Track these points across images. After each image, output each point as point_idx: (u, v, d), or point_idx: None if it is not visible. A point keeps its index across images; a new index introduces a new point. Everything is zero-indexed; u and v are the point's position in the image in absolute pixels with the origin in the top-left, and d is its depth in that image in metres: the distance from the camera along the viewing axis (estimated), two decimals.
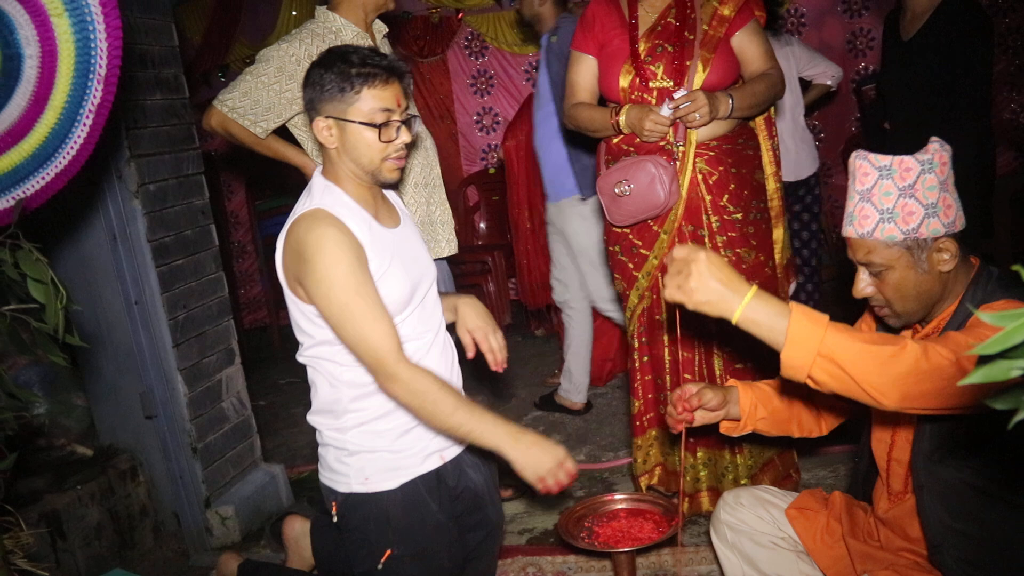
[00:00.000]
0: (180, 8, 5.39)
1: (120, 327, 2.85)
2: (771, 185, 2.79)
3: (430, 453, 2.10)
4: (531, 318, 5.04)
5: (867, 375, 1.50)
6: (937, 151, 1.64)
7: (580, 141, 3.26)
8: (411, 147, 2.62)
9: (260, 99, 2.62)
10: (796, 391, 2.00)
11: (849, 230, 1.71)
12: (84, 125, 1.71)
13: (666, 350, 2.77)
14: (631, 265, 2.77)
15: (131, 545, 2.90)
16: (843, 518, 1.98)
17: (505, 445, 1.85)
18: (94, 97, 1.69)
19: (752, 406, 2.02)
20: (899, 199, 1.64)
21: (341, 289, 1.84)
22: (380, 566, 2.04)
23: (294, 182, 4.15)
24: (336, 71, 1.90)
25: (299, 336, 2.02)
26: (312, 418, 2.09)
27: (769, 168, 2.78)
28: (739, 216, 2.63)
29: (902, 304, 1.71)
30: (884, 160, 1.66)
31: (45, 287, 1.53)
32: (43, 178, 1.69)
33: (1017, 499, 1.60)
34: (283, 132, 2.76)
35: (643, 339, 2.81)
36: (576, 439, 3.68)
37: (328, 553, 2.31)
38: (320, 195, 1.95)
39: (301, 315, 1.97)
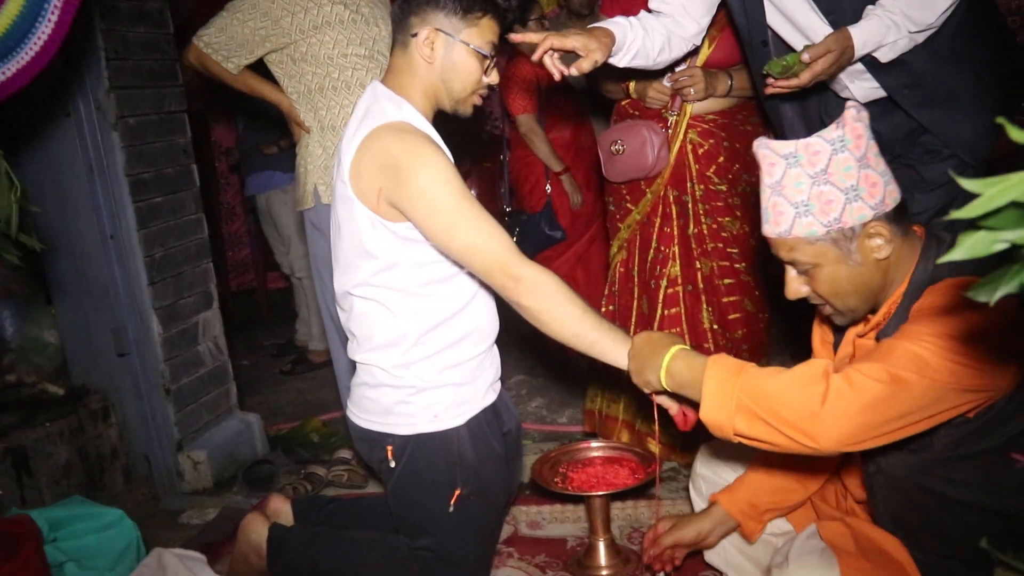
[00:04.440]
0: None
1: (95, 262, 2.79)
2: None
3: (489, 385, 2.05)
4: None
5: (792, 420, 1.38)
6: (849, 122, 1.45)
7: None
8: (336, 90, 2.58)
9: (234, 35, 2.59)
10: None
11: (766, 229, 1.53)
12: (50, 20, 1.66)
13: (636, 302, 2.82)
14: (618, 216, 2.88)
15: (100, 486, 2.84)
16: None
17: (626, 362, 1.73)
18: None
19: (748, 507, 1.90)
20: (813, 187, 1.45)
21: (449, 193, 1.75)
22: (451, 508, 1.98)
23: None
24: None
25: (359, 263, 1.90)
26: (365, 356, 1.98)
27: None
28: (723, 188, 2.69)
29: (841, 301, 1.54)
30: (788, 147, 1.47)
31: None
32: (3, 72, 1.63)
33: (956, 493, 1.52)
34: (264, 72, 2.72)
35: (614, 288, 2.90)
36: (558, 403, 3.63)
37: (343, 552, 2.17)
38: (396, 109, 1.85)
39: (375, 237, 1.85)
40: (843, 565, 1.56)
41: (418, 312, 1.92)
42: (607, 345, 1.75)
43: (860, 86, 2.18)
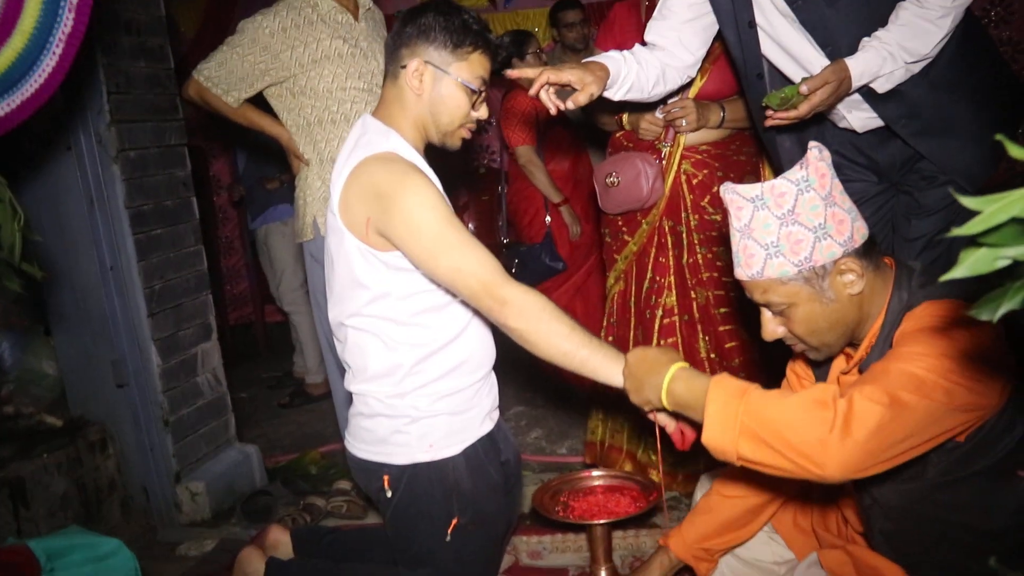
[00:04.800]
0: (174, 1, 5.38)
1: (95, 294, 2.80)
2: None
3: (487, 413, 2.04)
4: None
5: (798, 446, 1.35)
6: (813, 162, 1.48)
7: None
8: (335, 124, 2.61)
9: (234, 69, 2.63)
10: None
11: (739, 272, 1.55)
12: (54, 54, 1.68)
13: (632, 332, 2.84)
14: (614, 248, 2.90)
15: (98, 518, 2.83)
16: (814, 505, 1.93)
17: (621, 379, 1.70)
18: (65, 25, 1.66)
19: (700, 551, 1.92)
20: (781, 228, 1.46)
21: (433, 218, 1.75)
22: (448, 537, 1.97)
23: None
24: (455, 22, 1.86)
25: (351, 293, 1.91)
26: (360, 387, 1.98)
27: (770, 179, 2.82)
28: (717, 217, 2.71)
29: (817, 338, 1.54)
30: (754, 190, 1.49)
31: (2, 206, 1.49)
32: (8, 104, 1.65)
33: (953, 517, 1.52)
34: (263, 105, 2.75)
35: (612, 319, 2.91)
36: (558, 434, 3.63)
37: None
38: (384, 139, 1.87)
39: (366, 267, 1.86)
40: None
41: (411, 342, 1.92)
42: (598, 362, 1.72)
43: (858, 116, 2.20)
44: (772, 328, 1.57)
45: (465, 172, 5.35)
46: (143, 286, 2.80)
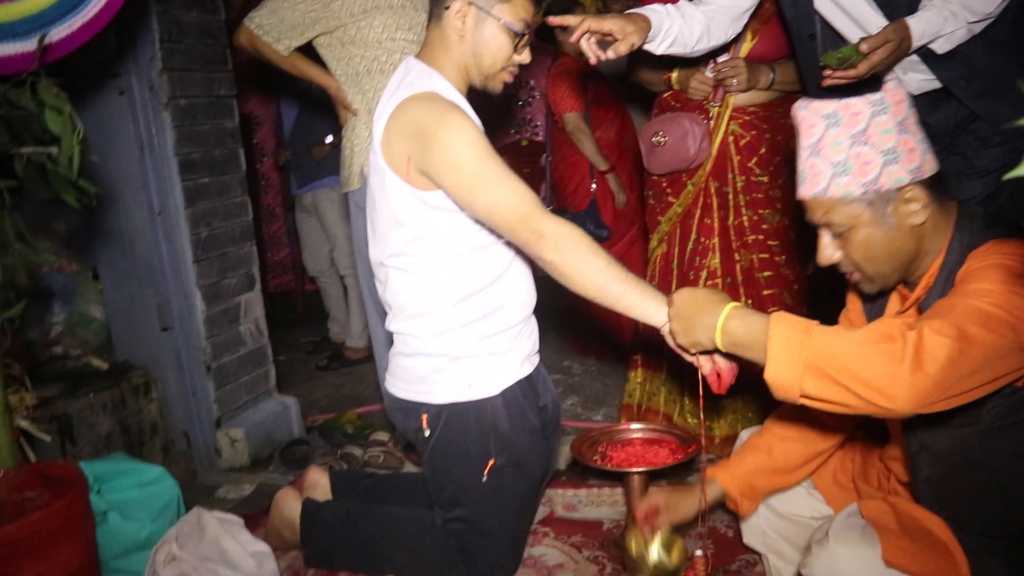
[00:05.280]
0: None
1: (143, 240, 2.84)
2: None
3: (526, 357, 2.05)
4: None
5: (867, 379, 1.32)
6: (892, 90, 1.46)
7: None
8: (383, 73, 2.61)
9: (285, 17, 2.65)
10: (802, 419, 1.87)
11: (802, 190, 1.52)
12: None
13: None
14: (658, 209, 2.89)
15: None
16: (856, 458, 1.91)
17: (660, 314, 1.69)
18: None
19: (747, 488, 1.90)
20: (851, 148, 1.45)
21: (472, 153, 1.76)
22: (484, 477, 1.99)
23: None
24: None
25: (392, 233, 1.93)
26: (400, 325, 2.00)
27: None
28: (765, 179, 2.70)
29: (873, 267, 1.52)
30: (829, 106, 1.47)
31: (63, 118, 1.51)
32: (69, 26, 1.68)
33: (1004, 465, 1.49)
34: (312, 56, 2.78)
35: (654, 282, 2.89)
36: (594, 401, 3.62)
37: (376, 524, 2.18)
38: (427, 80, 1.88)
39: (407, 206, 1.87)
40: (884, 542, 1.51)
41: (452, 281, 1.93)
42: (633, 298, 1.71)
43: (914, 77, 2.16)
44: (829, 252, 1.55)
45: (507, 146, 5.35)
46: (190, 233, 2.83)
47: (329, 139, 4.12)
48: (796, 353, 1.37)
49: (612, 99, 3.89)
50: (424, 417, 2.01)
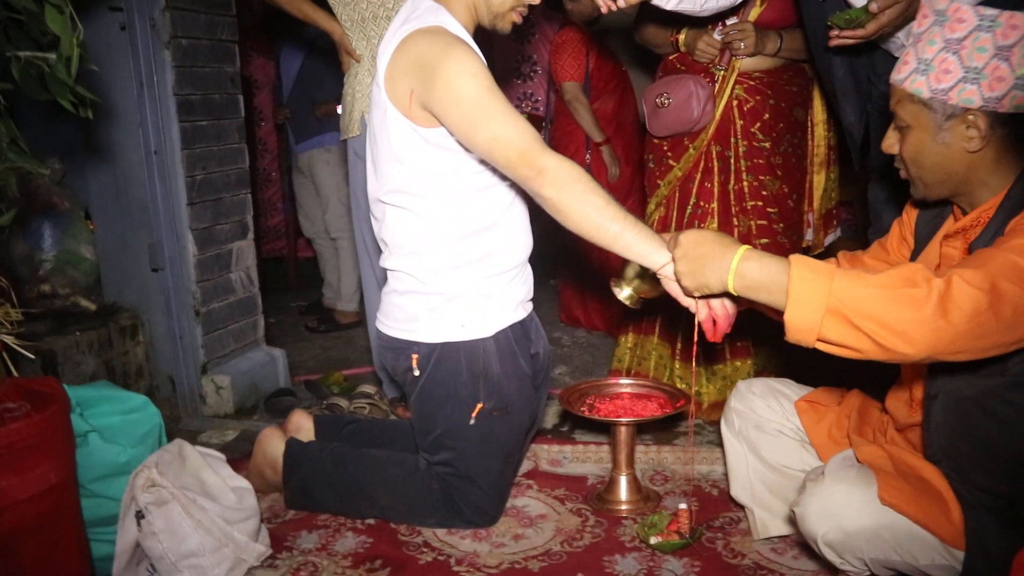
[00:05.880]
0: None
1: (137, 178, 2.81)
2: (819, 132, 2.83)
3: (520, 301, 2.04)
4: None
5: (890, 324, 1.31)
6: (1014, 15, 1.40)
7: None
8: (389, 20, 2.58)
9: None
10: None
11: (892, 74, 1.55)
12: None
13: None
14: (657, 173, 2.87)
15: None
16: (853, 415, 1.90)
17: (658, 256, 1.68)
18: None
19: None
20: (940, 52, 1.44)
21: (474, 86, 1.74)
22: (472, 420, 1.98)
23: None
24: None
25: (392, 169, 1.91)
26: (396, 262, 1.98)
27: (820, 115, 2.82)
28: (767, 145, 2.70)
29: (917, 171, 1.54)
30: (943, 4, 1.45)
31: (63, 18, 1.49)
32: None
33: (1021, 419, 1.47)
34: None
35: None
36: (583, 371, 3.61)
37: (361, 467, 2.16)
38: (434, 15, 1.86)
39: (407, 143, 1.86)
40: (881, 481, 1.51)
41: (449, 221, 1.92)
42: (631, 239, 1.69)
43: None
44: (891, 141, 1.57)
45: None
46: (185, 175, 2.80)
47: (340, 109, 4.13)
48: (821, 297, 1.35)
49: (613, 72, 3.87)
50: (414, 357, 1.99)
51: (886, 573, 1.60)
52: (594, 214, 1.69)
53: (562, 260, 4.13)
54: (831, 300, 1.34)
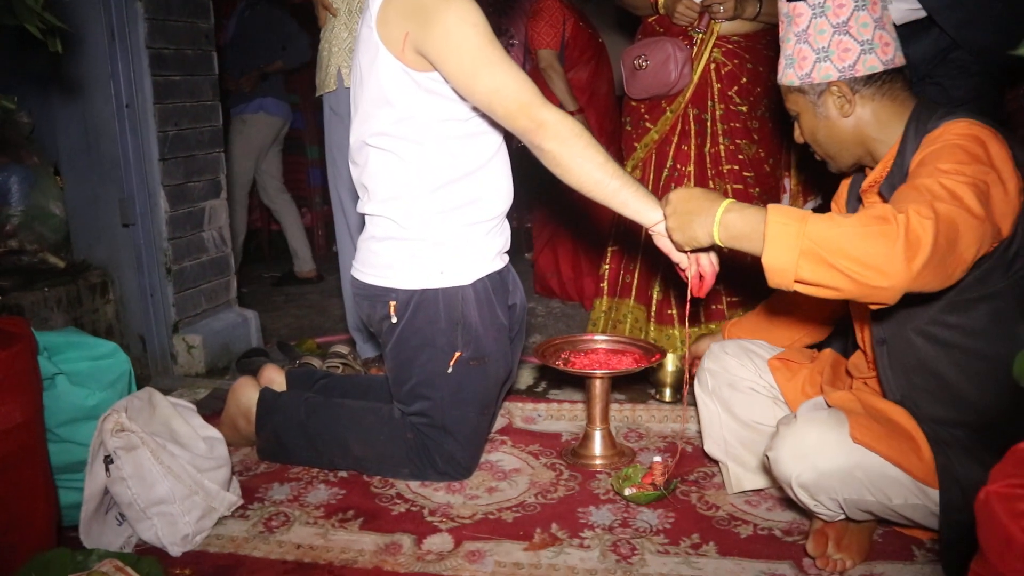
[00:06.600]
0: None
1: (107, 132, 2.76)
2: None
3: (499, 252, 2.03)
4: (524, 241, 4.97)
5: (864, 259, 1.35)
6: None
7: None
8: None
9: None
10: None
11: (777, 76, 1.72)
12: None
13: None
14: (634, 136, 2.88)
15: None
16: (826, 370, 1.92)
17: (653, 214, 1.75)
18: None
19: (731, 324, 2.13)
20: (796, 45, 1.63)
21: (475, 35, 1.72)
22: (449, 369, 1.97)
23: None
24: None
25: (378, 111, 1.87)
26: (375, 207, 1.95)
27: None
28: (744, 109, 2.71)
29: (821, 149, 1.70)
30: (786, 7, 1.64)
31: None
32: None
33: (965, 342, 1.54)
34: None
35: None
36: (568, 332, 3.60)
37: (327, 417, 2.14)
38: None
39: (397, 85, 1.82)
40: (852, 421, 1.54)
41: (433, 167, 1.90)
42: (628, 195, 1.75)
43: (898, 7, 2.17)
44: (796, 132, 1.74)
45: None
46: (157, 129, 2.76)
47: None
48: (793, 239, 1.41)
49: (589, 42, 3.85)
50: (392, 304, 1.97)
51: (860, 515, 1.61)
52: (594, 169, 1.73)
53: (537, 231, 4.12)
54: (804, 242, 1.39)
